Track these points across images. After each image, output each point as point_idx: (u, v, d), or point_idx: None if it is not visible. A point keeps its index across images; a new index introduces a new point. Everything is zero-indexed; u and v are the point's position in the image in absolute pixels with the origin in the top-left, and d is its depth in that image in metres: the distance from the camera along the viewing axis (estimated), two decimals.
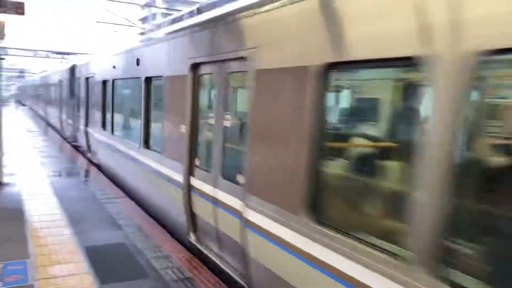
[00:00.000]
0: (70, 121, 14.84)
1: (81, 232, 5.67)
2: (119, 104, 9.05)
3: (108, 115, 9.55)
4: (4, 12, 8.05)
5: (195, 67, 5.04)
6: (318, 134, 3.09)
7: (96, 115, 10.64)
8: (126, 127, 8.66)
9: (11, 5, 8.12)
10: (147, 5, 28.43)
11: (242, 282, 4.15)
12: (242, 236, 3.98)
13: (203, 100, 5.11)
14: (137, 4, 23.49)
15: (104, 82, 9.90)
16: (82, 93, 12.52)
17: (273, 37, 3.57)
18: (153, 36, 6.85)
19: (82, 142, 12.80)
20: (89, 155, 11.81)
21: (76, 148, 13.74)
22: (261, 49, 3.72)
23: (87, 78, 11.98)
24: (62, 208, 6.76)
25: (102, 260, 4.79)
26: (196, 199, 5.05)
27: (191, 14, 5.87)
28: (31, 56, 54.55)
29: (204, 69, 4.93)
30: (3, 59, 8.27)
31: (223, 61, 4.44)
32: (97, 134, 10.59)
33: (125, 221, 6.23)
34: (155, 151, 6.40)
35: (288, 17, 3.40)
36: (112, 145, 9.06)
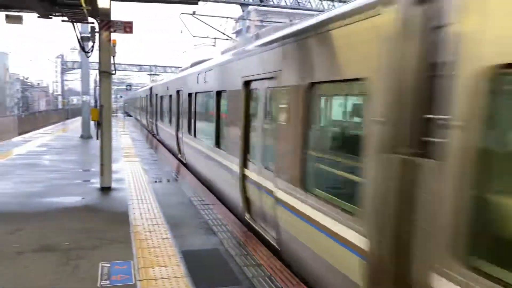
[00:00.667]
0: (150, 120, 24.24)
1: (178, 236, 5.94)
2: (165, 107, 16.98)
3: (162, 113, 18.43)
4: (115, 31, 8.83)
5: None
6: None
7: (158, 114, 19.75)
8: (166, 117, 16.75)
9: (120, 25, 8.89)
10: (241, 18, 29.36)
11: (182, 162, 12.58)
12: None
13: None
14: (231, 18, 24.35)
15: (161, 97, 18.79)
16: (154, 103, 21.82)
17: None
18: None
19: (154, 130, 22.00)
20: (157, 137, 20.95)
21: (153, 135, 22.61)
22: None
23: (156, 94, 21.05)
24: (162, 212, 7.17)
25: (197, 264, 4.97)
26: (180, 141, 12.92)
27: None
28: (136, 71, 59.35)
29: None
30: (114, 74, 9.02)
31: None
32: (159, 124, 19.43)
33: (219, 227, 6.42)
34: (169, 123, 15.54)
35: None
36: (162, 127, 17.99)
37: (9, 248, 5.31)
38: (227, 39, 25.23)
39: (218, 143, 8.35)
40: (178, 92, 13.70)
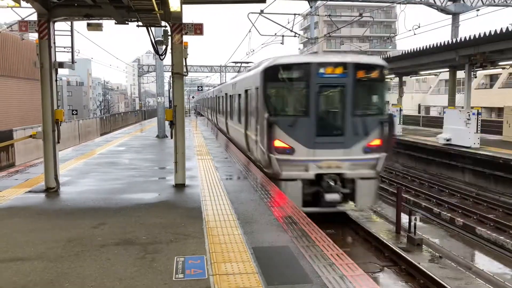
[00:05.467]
0: (213, 114, 31.21)
1: (249, 233, 6.01)
2: (220, 104, 23.46)
3: (218, 109, 25.31)
4: (186, 33, 9.11)
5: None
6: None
7: (216, 109, 27.02)
8: (220, 111, 23.38)
9: (191, 27, 9.16)
10: (309, 14, 29.05)
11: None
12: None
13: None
14: (299, 14, 24.19)
15: (218, 97, 25.31)
16: (214, 102, 29.05)
17: None
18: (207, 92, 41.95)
19: (215, 121, 29.19)
20: (217, 126, 27.36)
21: (215, 125, 29.53)
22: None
23: (216, 96, 27.38)
24: (233, 209, 7.30)
25: (268, 261, 4.99)
26: (227, 125, 20.13)
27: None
28: (207, 72, 61.01)
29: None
30: (186, 75, 9.31)
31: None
32: (218, 116, 25.90)
33: (290, 225, 6.40)
34: (222, 114, 22.62)
35: None
36: (219, 118, 24.60)
37: (94, 241, 5.69)
38: (294, 36, 25.12)
39: (231, 119, 17.70)
40: (226, 94, 20.53)
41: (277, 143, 10.36)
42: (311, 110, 10.32)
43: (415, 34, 20.64)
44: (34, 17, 8.80)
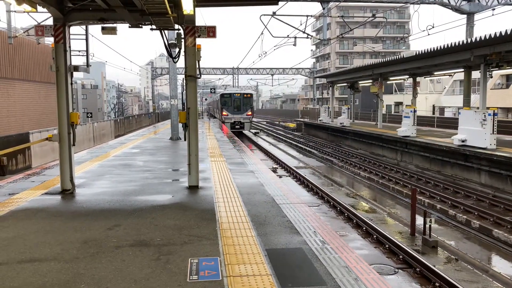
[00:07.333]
0: (214, 110, 53.87)
1: (262, 235, 6.02)
2: (213, 105, 62.83)
3: (213, 106, 62.05)
4: (199, 36, 9.16)
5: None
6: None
7: (215, 108, 53.23)
8: (215, 108, 54.21)
9: (204, 30, 9.20)
10: (322, 15, 28.99)
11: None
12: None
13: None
14: (311, 16, 24.14)
15: (215, 101, 53.84)
16: (215, 104, 51.89)
17: None
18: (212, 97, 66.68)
19: (211, 113, 63.71)
20: (214, 116, 57.16)
21: (214, 117, 54.60)
22: None
23: (212, 100, 62.47)
24: (246, 210, 7.31)
25: (281, 263, 4.99)
26: (217, 114, 50.52)
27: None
28: (220, 74, 61.39)
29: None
30: (199, 77, 9.35)
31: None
32: (215, 111, 53.20)
33: (303, 226, 6.39)
34: (217, 109, 50.79)
35: None
36: (216, 111, 52.04)
37: (109, 242, 5.76)
38: (307, 38, 25.09)
39: (218, 110, 42.91)
40: (216, 99, 47.37)
41: (224, 113, 38.43)
42: (232, 105, 38.71)
43: (429, 34, 20.45)
44: (50, 21, 8.93)
